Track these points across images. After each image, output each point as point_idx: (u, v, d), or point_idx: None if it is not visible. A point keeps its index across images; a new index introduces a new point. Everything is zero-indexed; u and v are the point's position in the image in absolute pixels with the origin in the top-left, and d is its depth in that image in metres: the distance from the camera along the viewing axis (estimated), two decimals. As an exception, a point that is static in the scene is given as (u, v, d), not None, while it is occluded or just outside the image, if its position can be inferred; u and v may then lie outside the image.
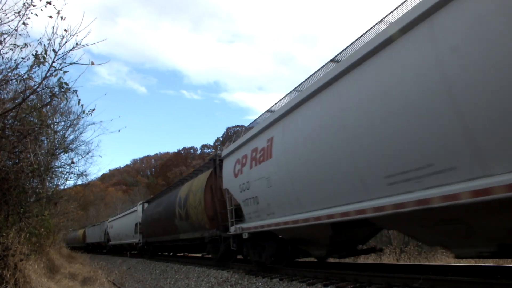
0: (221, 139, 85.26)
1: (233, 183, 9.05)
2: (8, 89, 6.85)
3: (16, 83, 6.41)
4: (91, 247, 39.67)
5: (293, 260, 8.82)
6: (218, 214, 10.73)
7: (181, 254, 19.59)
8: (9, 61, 6.14)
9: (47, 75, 5.61)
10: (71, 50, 5.54)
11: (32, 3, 5.62)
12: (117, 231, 27.36)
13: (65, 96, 5.94)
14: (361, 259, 12.65)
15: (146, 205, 21.94)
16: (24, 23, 5.81)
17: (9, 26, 5.91)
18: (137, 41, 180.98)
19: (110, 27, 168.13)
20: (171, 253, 20.57)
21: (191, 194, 12.41)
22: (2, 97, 6.56)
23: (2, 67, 6.23)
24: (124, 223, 25.08)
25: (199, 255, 17.31)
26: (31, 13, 5.71)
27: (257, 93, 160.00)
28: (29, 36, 6.24)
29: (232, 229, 9.23)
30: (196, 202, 11.71)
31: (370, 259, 13.05)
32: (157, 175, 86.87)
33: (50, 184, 11.82)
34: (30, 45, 6.05)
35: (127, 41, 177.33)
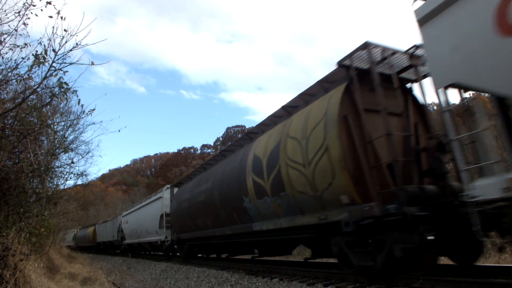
0: (221, 139, 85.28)
1: None
2: (8, 89, 6.85)
3: (16, 83, 6.41)
4: (102, 247, 34.37)
5: None
6: (365, 172, 5.73)
7: (248, 256, 11.71)
8: (9, 61, 6.14)
9: (47, 75, 5.61)
10: (71, 50, 5.54)
11: (32, 3, 5.61)
12: (134, 227, 21.76)
13: (65, 96, 5.94)
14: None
15: (176, 190, 16.31)
16: (24, 23, 5.81)
17: (9, 26, 5.91)
18: (136, 41, 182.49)
19: (109, 27, 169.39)
20: (221, 256, 13.98)
21: (290, 143, 7.07)
22: (2, 97, 6.57)
23: (2, 67, 6.23)
24: (144, 216, 19.59)
25: (294, 258, 11.37)
26: (31, 13, 5.71)
27: (256, 93, 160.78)
28: (29, 36, 6.24)
29: None
30: (312, 152, 6.31)
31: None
32: (157, 175, 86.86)
33: (50, 184, 11.82)
34: (30, 45, 6.05)
35: (126, 41, 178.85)
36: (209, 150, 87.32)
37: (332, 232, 6.26)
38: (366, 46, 6.01)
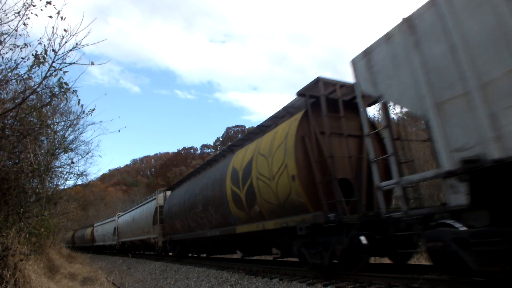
0: (221, 139, 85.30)
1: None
2: (8, 89, 6.85)
3: (16, 83, 6.41)
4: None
5: None
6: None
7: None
8: (9, 61, 6.14)
9: (47, 75, 5.60)
10: (71, 50, 5.54)
11: (32, 3, 5.61)
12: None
13: (65, 96, 5.93)
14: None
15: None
16: (24, 23, 5.81)
17: (9, 26, 5.90)
18: (129, 40, 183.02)
19: (102, 27, 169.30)
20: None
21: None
22: (2, 97, 6.57)
23: (2, 67, 6.23)
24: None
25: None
26: (31, 13, 5.71)
27: (251, 93, 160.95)
28: (29, 36, 6.24)
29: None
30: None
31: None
32: (157, 175, 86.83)
33: (50, 184, 11.80)
34: (30, 45, 6.06)
35: (119, 40, 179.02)
36: (209, 150, 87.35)
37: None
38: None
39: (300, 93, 7.61)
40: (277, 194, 7.56)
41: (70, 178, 16.53)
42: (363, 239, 6.05)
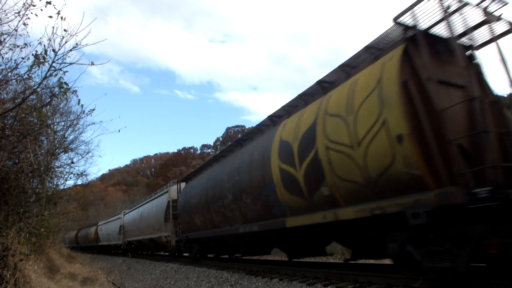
0: (221, 139, 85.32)
1: None
2: (8, 89, 6.85)
3: (16, 83, 6.40)
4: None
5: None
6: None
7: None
8: (9, 61, 6.13)
9: (47, 75, 5.60)
10: (71, 50, 5.53)
11: (32, 3, 5.61)
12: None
13: (65, 96, 5.94)
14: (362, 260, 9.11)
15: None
16: (24, 23, 5.81)
17: (9, 26, 5.91)
18: (129, 40, 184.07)
19: (102, 27, 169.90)
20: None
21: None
22: (2, 97, 6.56)
23: (2, 67, 6.23)
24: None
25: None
26: (31, 13, 5.71)
27: (251, 93, 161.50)
28: (29, 36, 6.23)
29: None
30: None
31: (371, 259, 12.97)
32: (157, 175, 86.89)
33: (50, 184, 11.80)
34: (30, 45, 6.05)
35: (119, 40, 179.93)
36: (209, 150, 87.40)
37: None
38: None
39: (399, 21, 5.18)
40: (365, 167, 5.14)
41: (70, 178, 16.55)
42: None
